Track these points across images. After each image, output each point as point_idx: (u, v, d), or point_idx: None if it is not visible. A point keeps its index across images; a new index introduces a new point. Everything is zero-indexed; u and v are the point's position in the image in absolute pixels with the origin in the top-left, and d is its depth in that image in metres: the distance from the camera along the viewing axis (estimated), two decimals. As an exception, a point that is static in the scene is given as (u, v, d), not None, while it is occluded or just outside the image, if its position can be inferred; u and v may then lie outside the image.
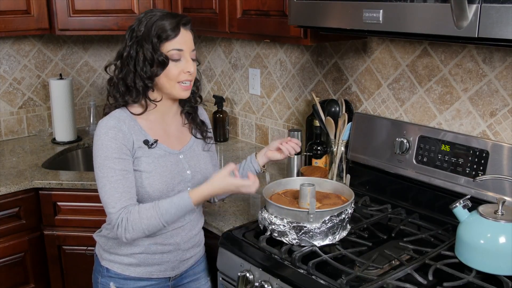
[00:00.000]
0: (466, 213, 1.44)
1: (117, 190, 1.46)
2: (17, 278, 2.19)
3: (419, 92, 1.90)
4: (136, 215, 1.44)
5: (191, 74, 1.52)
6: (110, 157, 1.46)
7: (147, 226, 1.45)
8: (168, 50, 1.48)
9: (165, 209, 1.45)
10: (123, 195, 1.46)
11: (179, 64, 1.50)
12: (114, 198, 1.46)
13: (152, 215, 1.44)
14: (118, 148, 1.47)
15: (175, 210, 1.46)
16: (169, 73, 1.50)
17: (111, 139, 1.47)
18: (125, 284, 1.60)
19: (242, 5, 2.02)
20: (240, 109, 2.72)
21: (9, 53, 2.70)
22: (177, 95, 1.55)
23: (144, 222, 1.44)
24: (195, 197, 1.47)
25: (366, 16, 1.43)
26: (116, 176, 1.46)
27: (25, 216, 2.16)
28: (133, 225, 1.44)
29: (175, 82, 1.51)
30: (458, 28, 1.23)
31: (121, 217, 1.45)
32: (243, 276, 1.54)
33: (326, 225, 1.50)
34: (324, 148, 2.11)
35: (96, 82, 3.03)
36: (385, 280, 1.35)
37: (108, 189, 1.46)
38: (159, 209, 1.45)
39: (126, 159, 1.48)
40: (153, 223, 1.45)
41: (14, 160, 2.41)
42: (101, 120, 1.52)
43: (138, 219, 1.44)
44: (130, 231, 1.45)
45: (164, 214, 1.45)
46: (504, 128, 1.69)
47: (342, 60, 2.15)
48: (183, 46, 1.50)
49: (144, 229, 1.46)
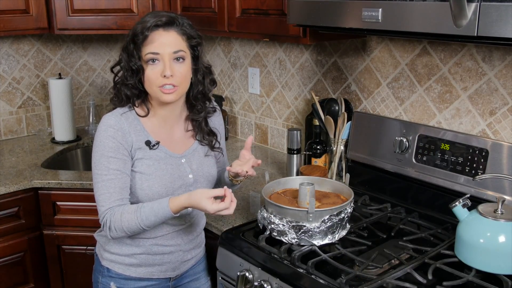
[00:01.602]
0: (466, 212, 1.43)
1: (108, 189, 1.46)
2: (16, 278, 2.19)
3: (419, 91, 1.90)
4: (118, 217, 1.45)
5: (168, 77, 1.44)
6: (106, 156, 1.46)
7: (127, 229, 1.46)
8: (145, 53, 1.45)
9: (146, 215, 1.44)
10: (112, 195, 1.47)
11: (155, 67, 1.45)
12: (104, 197, 1.47)
13: (132, 219, 1.44)
14: (115, 147, 1.47)
15: (155, 218, 1.44)
16: (147, 77, 1.46)
17: (109, 137, 1.47)
18: (126, 284, 1.60)
19: (241, 4, 2.01)
20: (240, 108, 2.72)
21: (8, 53, 2.69)
22: (161, 99, 1.48)
23: (125, 225, 1.45)
24: (174, 206, 1.43)
25: (365, 15, 1.43)
26: (109, 175, 1.46)
27: (24, 216, 2.16)
28: (115, 226, 1.46)
29: (156, 87, 1.46)
30: (457, 27, 1.23)
31: (106, 217, 1.47)
32: (243, 275, 1.54)
33: (325, 225, 1.50)
34: (323, 147, 2.11)
35: (95, 81, 3.02)
36: (384, 279, 1.35)
37: (100, 187, 1.47)
38: (140, 215, 1.44)
39: (122, 159, 1.48)
40: (133, 227, 1.45)
41: (14, 159, 2.41)
42: (105, 115, 1.52)
43: (119, 221, 1.45)
44: (113, 231, 1.47)
45: (144, 220, 1.44)
46: (503, 127, 1.69)
47: (341, 59, 2.15)
48: (159, 49, 1.43)
49: (126, 231, 1.46)
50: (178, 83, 1.47)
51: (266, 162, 2.40)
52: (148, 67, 1.46)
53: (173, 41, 1.46)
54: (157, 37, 1.44)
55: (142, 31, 1.43)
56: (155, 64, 1.45)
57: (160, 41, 1.44)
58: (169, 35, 1.46)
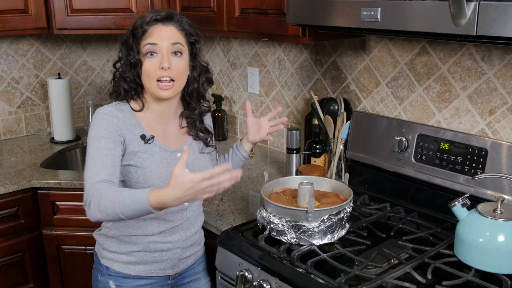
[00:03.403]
0: (465, 212, 1.43)
1: (95, 166, 1.41)
2: (16, 278, 2.19)
3: (418, 90, 1.89)
4: (99, 193, 1.34)
5: (165, 69, 1.45)
6: (97, 136, 1.45)
7: (104, 207, 1.31)
8: (143, 45, 1.47)
9: (123, 197, 1.30)
10: (100, 171, 1.39)
11: (153, 59, 1.47)
12: (91, 173, 1.39)
13: (110, 199, 1.31)
14: (108, 130, 1.46)
15: (131, 202, 1.29)
16: (145, 70, 1.48)
17: (104, 121, 1.47)
18: (125, 283, 1.59)
19: (240, 3, 2.01)
20: (239, 108, 2.72)
21: (7, 53, 2.69)
22: (157, 94, 1.49)
23: (102, 202, 1.32)
24: (154, 194, 1.25)
25: (364, 14, 1.43)
26: (99, 153, 1.42)
27: (23, 216, 2.16)
28: (94, 201, 1.34)
29: (154, 80, 1.47)
30: (457, 26, 1.23)
31: (89, 193, 1.36)
32: (242, 275, 1.54)
33: (324, 224, 1.50)
34: (323, 147, 2.11)
35: (94, 81, 3.02)
36: (384, 279, 1.35)
37: (89, 166, 1.41)
38: (119, 196, 1.31)
39: (114, 141, 1.45)
40: (109, 208, 1.31)
41: (13, 159, 2.41)
42: (99, 108, 1.52)
43: (98, 197, 1.33)
44: (91, 208, 1.34)
45: (120, 202, 1.29)
46: (503, 126, 1.69)
47: (340, 59, 2.14)
48: (158, 40, 1.46)
49: (102, 210, 1.32)
50: (175, 77, 1.48)
51: (266, 161, 2.40)
52: (146, 60, 1.48)
53: (172, 35, 1.49)
54: (156, 30, 1.48)
55: (142, 25, 1.46)
56: (153, 57, 1.47)
57: (159, 34, 1.47)
58: (168, 29, 1.49)
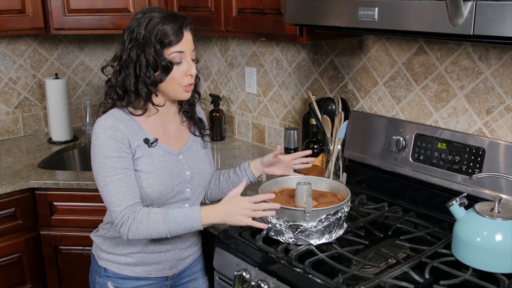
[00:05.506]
0: (463, 211, 1.43)
1: (121, 188, 1.44)
2: (13, 279, 2.19)
3: (415, 90, 1.90)
4: (145, 216, 1.43)
5: (193, 76, 1.51)
6: (111, 156, 1.44)
7: (153, 229, 1.44)
8: (170, 53, 1.45)
9: (173, 217, 1.43)
10: (127, 193, 1.45)
11: (181, 67, 1.48)
12: (119, 196, 1.44)
13: (159, 220, 1.43)
14: (117, 147, 1.46)
15: (182, 220, 1.43)
16: (172, 77, 1.47)
17: (109, 138, 1.45)
18: (123, 284, 1.60)
19: (237, 3, 2.01)
20: (237, 108, 2.72)
21: (4, 53, 2.69)
22: (180, 97, 1.54)
23: (151, 225, 1.43)
24: (205, 210, 1.44)
25: (361, 14, 1.43)
26: (119, 175, 1.44)
27: (21, 216, 2.16)
28: (138, 225, 1.43)
29: (179, 86, 1.49)
30: (454, 26, 1.23)
31: (127, 215, 1.43)
32: (240, 275, 1.54)
33: (322, 224, 1.50)
34: (320, 147, 2.11)
35: (92, 81, 3.02)
36: (381, 278, 1.35)
37: (112, 188, 1.44)
38: (167, 215, 1.43)
39: (126, 157, 1.47)
40: (158, 228, 1.43)
41: (10, 160, 2.40)
42: (98, 119, 1.50)
43: (146, 220, 1.43)
44: (133, 230, 1.44)
45: (170, 221, 1.43)
46: (500, 126, 1.69)
47: (338, 58, 2.14)
48: (184, 47, 1.47)
49: (148, 231, 1.44)
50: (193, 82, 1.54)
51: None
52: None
53: (191, 41, 1.51)
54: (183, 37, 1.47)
55: (176, 33, 1.44)
56: (179, 65, 1.47)
57: (185, 40, 1.48)
58: (189, 35, 1.50)
